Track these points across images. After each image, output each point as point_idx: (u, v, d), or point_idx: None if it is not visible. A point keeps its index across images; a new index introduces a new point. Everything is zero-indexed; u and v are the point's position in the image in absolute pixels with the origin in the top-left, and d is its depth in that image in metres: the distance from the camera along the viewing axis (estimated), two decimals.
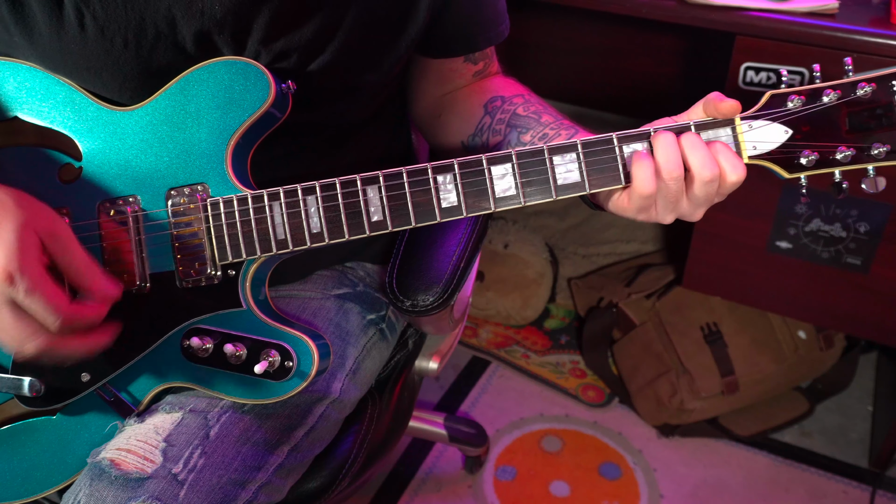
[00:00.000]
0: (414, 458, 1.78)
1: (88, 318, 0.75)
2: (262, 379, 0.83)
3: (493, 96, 1.01)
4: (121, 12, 0.82)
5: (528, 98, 0.99)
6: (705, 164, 0.75)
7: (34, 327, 0.71)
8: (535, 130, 0.94)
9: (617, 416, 1.89)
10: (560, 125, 0.93)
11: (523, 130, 0.95)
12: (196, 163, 0.83)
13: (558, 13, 2.01)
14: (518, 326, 2.15)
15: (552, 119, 0.94)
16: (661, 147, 0.76)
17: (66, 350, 0.74)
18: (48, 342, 0.72)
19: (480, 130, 1.00)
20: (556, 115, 0.95)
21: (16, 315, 0.70)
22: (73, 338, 0.74)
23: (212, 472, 0.82)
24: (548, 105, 0.98)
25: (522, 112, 0.97)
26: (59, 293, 0.71)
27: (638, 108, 2.14)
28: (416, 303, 0.96)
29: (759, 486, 1.71)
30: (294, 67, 0.87)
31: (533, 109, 0.97)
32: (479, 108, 1.01)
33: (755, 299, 1.71)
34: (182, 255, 0.83)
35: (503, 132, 0.97)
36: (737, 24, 1.40)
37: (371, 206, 0.81)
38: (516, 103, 0.98)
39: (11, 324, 0.71)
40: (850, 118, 0.77)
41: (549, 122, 0.94)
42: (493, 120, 0.98)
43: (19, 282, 0.68)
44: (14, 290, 0.69)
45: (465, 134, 1.02)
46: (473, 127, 1.01)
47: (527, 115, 0.96)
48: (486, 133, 0.99)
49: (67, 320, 0.72)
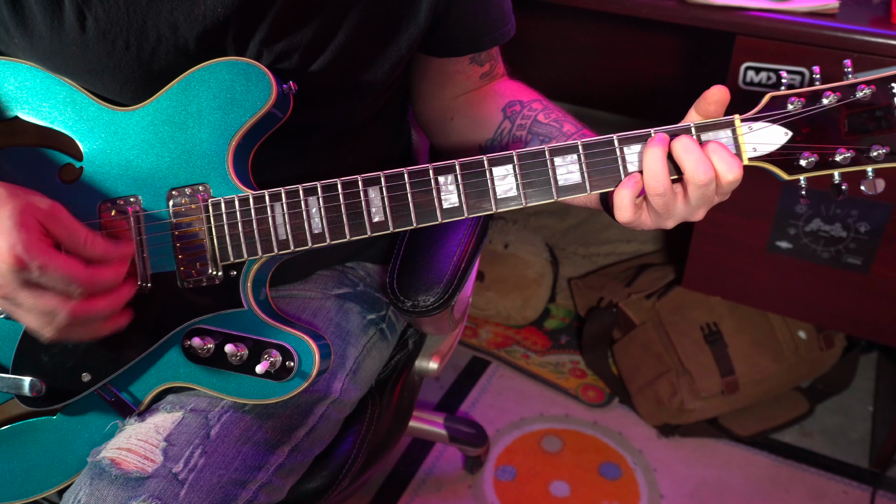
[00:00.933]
0: (414, 458, 1.78)
1: (109, 278, 0.76)
2: (263, 379, 0.83)
3: (511, 100, 1.01)
4: (122, 16, 0.82)
5: (546, 104, 0.99)
6: (698, 168, 0.75)
7: (57, 300, 0.72)
8: (559, 140, 0.93)
9: (617, 416, 1.89)
10: (582, 136, 0.92)
11: (546, 139, 0.94)
12: (197, 163, 0.83)
13: (558, 13, 2.01)
14: (518, 326, 2.15)
15: (574, 129, 0.94)
16: (647, 162, 0.76)
17: (96, 311, 0.75)
18: (75, 310, 0.73)
19: (500, 135, 1.00)
20: (577, 125, 0.95)
21: (36, 294, 0.71)
22: (99, 299, 0.75)
23: (212, 472, 0.83)
24: (565, 112, 0.98)
25: (543, 119, 0.96)
26: (72, 261, 0.72)
27: (638, 108, 2.14)
28: (417, 303, 0.96)
29: (759, 486, 1.71)
30: (295, 68, 0.87)
31: (554, 117, 0.97)
32: (496, 113, 1.00)
33: (755, 299, 1.71)
34: (183, 256, 0.83)
35: (524, 138, 0.97)
36: (737, 24, 1.40)
37: (372, 207, 0.81)
38: (536, 109, 0.98)
39: (34, 303, 0.72)
40: (850, 120, 0.77)
41: (571, 133, 0.93)
42: (513, 125, 0.98)
43: (30, 261, 0.69)
44: (27, 272, 0.70)
45: (482, 138, 1.02)
46: (492, 131, 1.00)
47: (548, 122, 0.96)
48: (507, 138, 0.99)
49: (89, 283, 0.73)
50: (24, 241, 0.69)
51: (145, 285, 0.84)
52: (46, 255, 0.70)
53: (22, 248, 0.69)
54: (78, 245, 0.74)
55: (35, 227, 0.71)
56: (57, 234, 0.73)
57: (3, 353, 0.86)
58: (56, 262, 0.71)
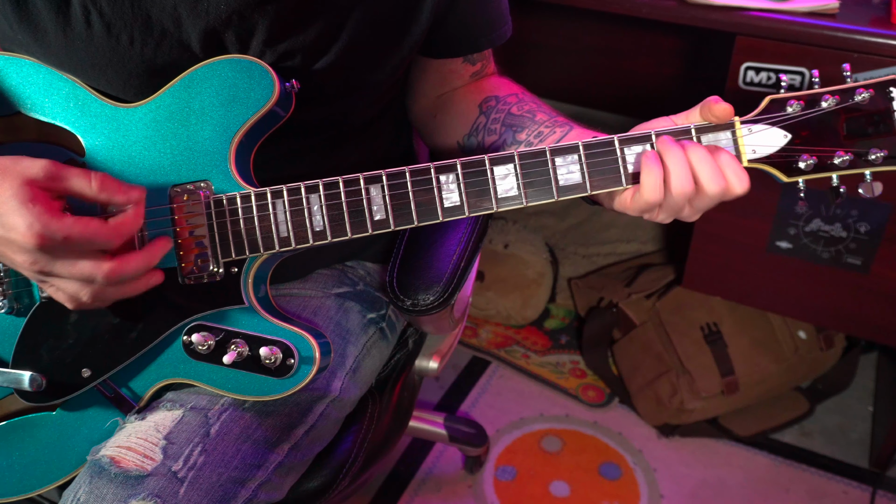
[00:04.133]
0: (414, 458, 1.78)
1: (131, 223, 0.76)
2: (263, 376, 0.83)
3: (487, 96, 1.01)
4: (127, 10, 0.82)
5: (522, 97, 1.00)
6: (713, 179, 0.76)
7: (91, 263, 0.72)
8: (530, 129, 0.94)
9: (617, 416, 1.89)
10: (555, 122, 0.93)
11: (518, 129, 0.95)
12: (199, 160, 0.83)
13: (558, 13, 2.01)
14: (518, 326, 2.15)
15: (546, 117, 0.95)
16: (673, 162, 0.77)
17: (132, 267, 0.75)
18: (111, 270, 0.73)
19: (476, 130, 1.00)
20: (551, 113, 0.95)
21: (70, 263, 0.71)
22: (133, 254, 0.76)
23: (212, 470, 0.83)
24: (542, 103, 0.98)
25: (517, 111, 0.97)
26: (92, 220, 0.72)
27: (638, 108, 2.14)
28: (417, 302, 0.96)
29: (759, 486, 1.71)
30: (298, 67, 0.87)
31: (527, 108, 0.97)
32: (473, 108, 1.01)
33: (755, 299, 1.71)
34: (184, 252, 0.83)
35: (498, 131, 0.97)
36: (737, 24, 1.41)
37: (374, 205, 0.81)
38: (510, 102, 0.99)
39: (70, 271, 0.71)
40: (848, 123, 0.77)
41: (543, 121, 0.94)
42: (487, 120, 0.99)
43: (53, 235, 0.69)
44: (53, 246, 0.69)
45: (460, 134, 1.03)
46: (469, 127, 1.01)
47: (521, 113, 0.97)
48: (482, 133, 0.99)
49: (117, 235, 0.73)
50: (38, 215, 0.69)
51: None
52: (65, 223, 0.70)
53: (40, 225, 0.68)
54: (87, 189, 0.73)
55: (42, 196, 0.70)
56: (61, 189, 0.72)
57: (3, 348, 0.86)
58: (78, 227, 0.70)
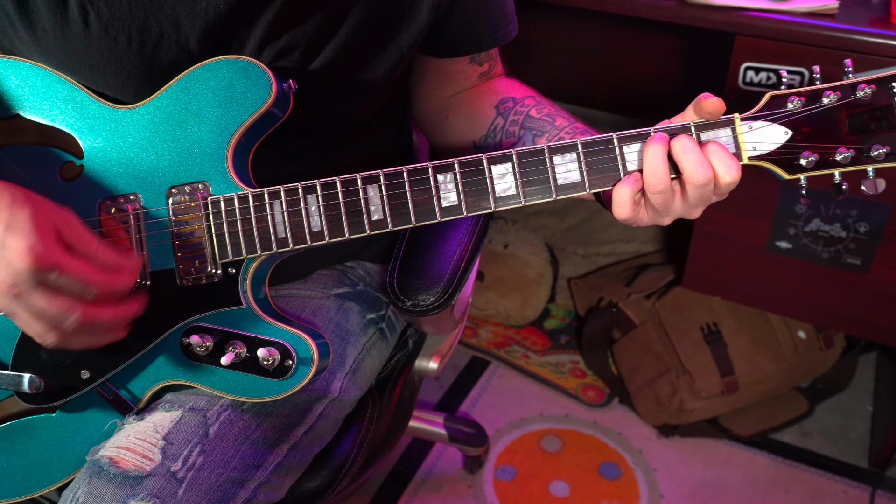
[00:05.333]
0: (414, 458, 1.78)
1: (122, 283, 0.76)
2: (262, 377, 0.83)
3: (504, 97, 1.01)
4: (125, 11, 0.82)
5: (539, 100, 0.99)
6: (697, 168, 0.75)
7: (69, 302, 0.72)
8: (551, 134, 0.93)
9: (617, 416, 1.89)
10: (575, 129, 0.93)
11: (538, 133, 0.94)
12: (197, 161, 0.83)
13: (559, 13, 2.01)
14: (518, 326, 2.15)
15: (566, 122, 0.94)
16: (649, 156, 0.76)
17: (103, 319, 0.75)
18: (85, 314, 0.73)
19: (493, 132, 1.00)
20: (570, 118, 0.95)
21: (49, 295, 0.71)
22: (108, 307, 0.75)
23: (211, 471, 0.83)
24: (559, 107, 0.98)
25: (536, 114, 0.97)
26: (89, 265, 0.73)
27: (638, 108, 2.14)
28: (417, 302, 0.96)
29: (759, 486, 1.71)
30: (296, 66, 0.87)
31: (546, 112, 0.97)
32: (490, 110, 1.01)
33: (755, 299, 1.71)
34: (182, 253, 0.83)
35: (517, 134, 0.97)
36: (737, 24, 1.40)
37: (371, 205, 0.81)
38: (528, 104, 0.98)
39: (45, 305, 0.71)
40: (850, 120, 0.77)
41: (563, 126, 0.93)
42: (505, 121, 0.99)
43: (49, 262, 0.69)
44: (44, 273, 0.70)
45: (476, 135, 1.02)
46: (485, 128, 1.01)
47: (541, 117, 0.96)
48: (500, 134, 0.99)
49: (104, 286, 0.73)
50: (43, 242, 0.70)
51: (144, 283, 0.84)
52: (65, 257, 0.71)
53: (42, 249, 0.69)
54: (90, 252, 0.74)
55: (52, 229, 0.72)
56: (70, 237, 0.73)
57: (3, 350, 0.86)
58: (74, 264, 0.71)
